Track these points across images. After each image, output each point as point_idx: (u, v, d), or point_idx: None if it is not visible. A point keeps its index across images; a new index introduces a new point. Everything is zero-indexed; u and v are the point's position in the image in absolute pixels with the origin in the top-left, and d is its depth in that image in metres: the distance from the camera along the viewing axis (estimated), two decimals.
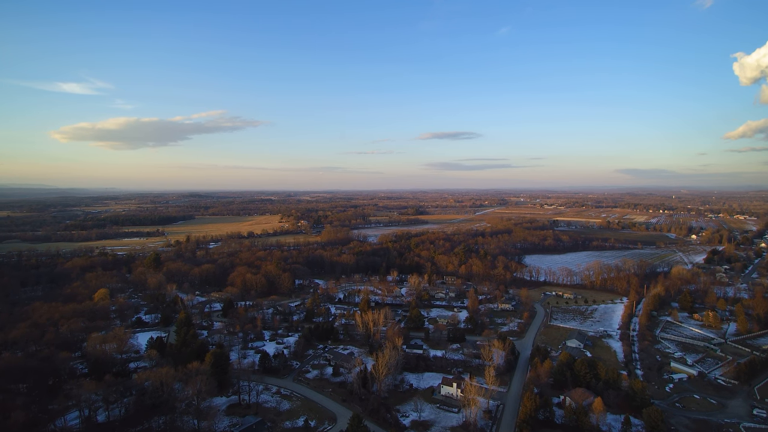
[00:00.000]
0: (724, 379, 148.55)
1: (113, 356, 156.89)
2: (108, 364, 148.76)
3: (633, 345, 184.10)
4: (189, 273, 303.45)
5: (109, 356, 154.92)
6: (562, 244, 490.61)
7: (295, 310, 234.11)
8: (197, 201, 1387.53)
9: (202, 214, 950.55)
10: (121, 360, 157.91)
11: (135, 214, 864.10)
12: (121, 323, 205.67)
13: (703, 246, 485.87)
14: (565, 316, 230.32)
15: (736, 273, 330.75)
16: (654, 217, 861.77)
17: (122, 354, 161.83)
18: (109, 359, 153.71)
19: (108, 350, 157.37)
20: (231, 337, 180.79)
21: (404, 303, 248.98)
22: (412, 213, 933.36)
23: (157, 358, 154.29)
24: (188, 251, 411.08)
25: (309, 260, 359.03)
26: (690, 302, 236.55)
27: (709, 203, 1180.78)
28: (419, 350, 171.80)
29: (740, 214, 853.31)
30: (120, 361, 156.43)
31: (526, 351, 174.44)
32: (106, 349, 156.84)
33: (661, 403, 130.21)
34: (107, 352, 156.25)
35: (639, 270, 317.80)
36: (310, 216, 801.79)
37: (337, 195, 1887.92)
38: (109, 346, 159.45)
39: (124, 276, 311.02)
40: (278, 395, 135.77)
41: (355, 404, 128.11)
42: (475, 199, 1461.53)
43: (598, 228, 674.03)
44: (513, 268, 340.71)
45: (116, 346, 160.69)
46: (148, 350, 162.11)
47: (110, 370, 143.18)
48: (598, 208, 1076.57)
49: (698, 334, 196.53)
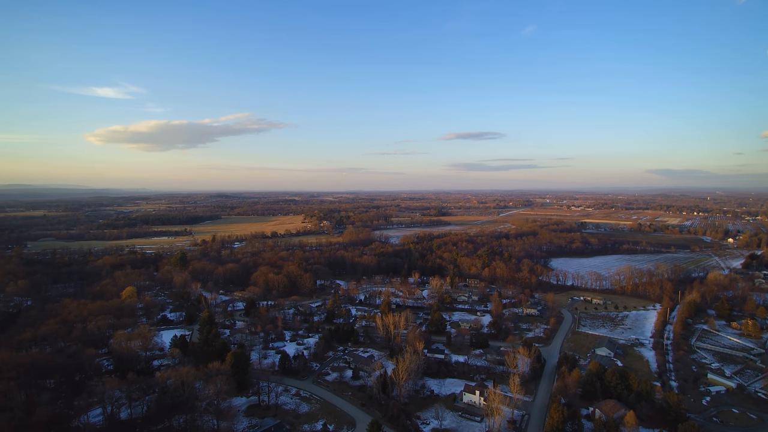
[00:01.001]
0: (765, 392, 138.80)
1: (138, 354, 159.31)
2: (132, 362, 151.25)
3: (667, 354, 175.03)
4: (213, 272, 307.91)
5: (133, 354, 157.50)
6: (590, 247, 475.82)
7: (315, 310, 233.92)
8: (224, 201, 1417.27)
9: (228, 214, 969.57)
10: (145, 358, 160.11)
11: (164, 214, 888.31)
12: (146, 321, 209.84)
13: (740, 250, 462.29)
14: (594, 323, 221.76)
15: None
16: (688, 219, 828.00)
17: (146, 351, 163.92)
18: (134, 357, 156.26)
19: (133, 348, 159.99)
20: (252, 337, 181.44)
21: (426, 306, 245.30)
22: (434, 214, 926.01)
23: (179, 356, 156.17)
24: (213, 250, 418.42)
25: (330, 261, 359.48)
26: (727, 310, 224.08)
27: (746, 205, 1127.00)
28: (441, 355, 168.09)
29: None
30: (144, 359, 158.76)
31: (553, 359, 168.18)
32: (131, 347, 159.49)
33: (698, 418, 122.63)
34: (132, 350, 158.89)
35: (673, 275, 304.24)
36: (333, 216, 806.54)
37: (359, 195, 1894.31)
38: (134, 343, 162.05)
39: (151, 274, 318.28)
40: (297, 397, 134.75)
41: (374, 409, 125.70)
42: (499, 200, 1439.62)
43: (629, 230, 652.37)
44: (538, 271, 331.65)
45: (141, 343, 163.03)
46: (171, 349, 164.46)
47: (134, 367, 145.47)
48: (628, 210, 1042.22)
49: (736, 344, 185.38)
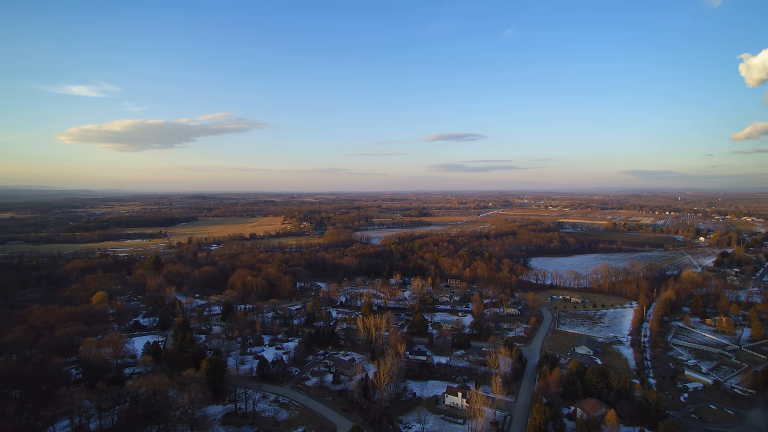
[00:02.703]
0: (740, 388, 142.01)
1: (108, 361, 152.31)
2: (102, 370, 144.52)
3: (645, 352, 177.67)
4: (189, 275, 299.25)
5: (104, 362, 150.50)
6: (568, 247, 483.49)
7: (295, 313, 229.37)
8: (201, 202, 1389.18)
9: (205, 216, 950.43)
10: (116, 366, 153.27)
11: (138, 216, 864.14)
12: (118, 327, 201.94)
13: (711, 248, 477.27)
14: (574, 321, 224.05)
15: (747, 276, 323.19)
16: (660, 219, 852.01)
17: (118, 359, 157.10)
18: (104, 365, 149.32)
19: (103, 355, 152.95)
20: (229, 342, 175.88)
21: (407, 307, 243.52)
22: (415, 215, 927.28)
23: (152, 364, 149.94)
24: (189, 253, 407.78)
25: (311, 262, 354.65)
26: (702, 307, 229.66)
27: (715, 205, 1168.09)
28: (423, 357, 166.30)
29: (747, 215, 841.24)
30: (115, 367, 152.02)
31: (534, 358, 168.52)
32: (101, 354, 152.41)
33: (677, 415, 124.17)
34: (102, 357, 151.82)
35: (648, 273, 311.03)
36: (313, 218, 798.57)
37: (340, 196, 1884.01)
38: (105, 350, 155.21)
39: (123, 278, 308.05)
40: (276, 404, 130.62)
41: (355, 414, 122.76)
42: (479, 200, 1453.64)
43: (605, 230, 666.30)
44: (518, 271, 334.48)
45: (112, 351, 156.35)
46: (144, 356, 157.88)
47: (104, 376, 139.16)
48: (603, 210, 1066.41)
49: (712, 341, 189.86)
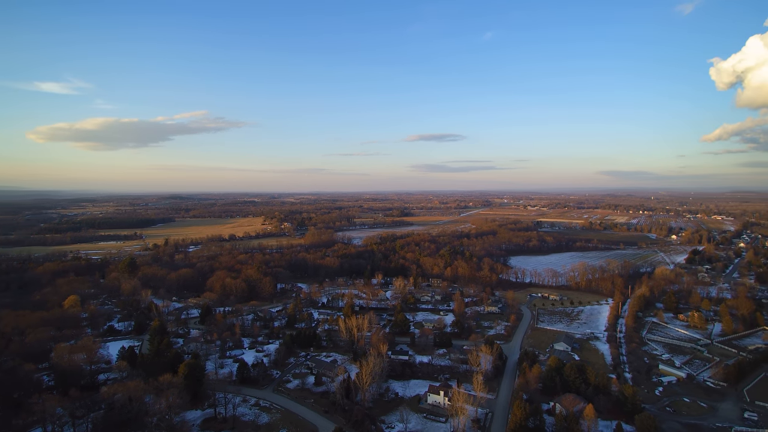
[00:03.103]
0: (713, 381, 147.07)
1: (82, 368, 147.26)
2: (76, 377, 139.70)
3: (620, 347, 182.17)
4: (166, 278, 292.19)
5: (77, 368, 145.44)
6: (546, 245, 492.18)
7: (276, 315, 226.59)
8: (178, 203, 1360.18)
9: (182, 217, 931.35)
10: (89, 372, 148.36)
11: (112, 217, 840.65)
12: (91, 332, 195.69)
13: (683, 246, 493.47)
14: (552, 318, 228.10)
15: (718, 273, 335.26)
16: (634, 217, 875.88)
17: (91, 365, 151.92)
18: (77, 371, 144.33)
19: (76, 361, 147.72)
20: (208, 346, 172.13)
21: (389, 307, 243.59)
22: (397, 215, 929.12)
23: (127, 369, 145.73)
24: (166, 255, 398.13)
25: (292, 263, 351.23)
26: (674, 303, 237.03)
27: (686, 204, 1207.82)
28: (405, 356, 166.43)
29: (717, 214, 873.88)
30: (89, 373, 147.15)
31: (514, 355, 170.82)
32: (74, 360, 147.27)
33: (652, 408, 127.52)
34: (75, 363, 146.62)
35: (623, 271, 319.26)
36: (294, 218, 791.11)
37: (321, 197, 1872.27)
38: (78, 356, 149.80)
39: (97, 281, 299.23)
40: (257, 407, 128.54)
41: (338, 416, 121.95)
42: (460, 200, 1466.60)
43: (581, 229, 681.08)
44: (498, 269, 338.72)
45: (85, 356, 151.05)
46: (119, 361, 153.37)
47: (78, 382, 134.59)
48: (580, 209, 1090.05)
49: (684, 335, 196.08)
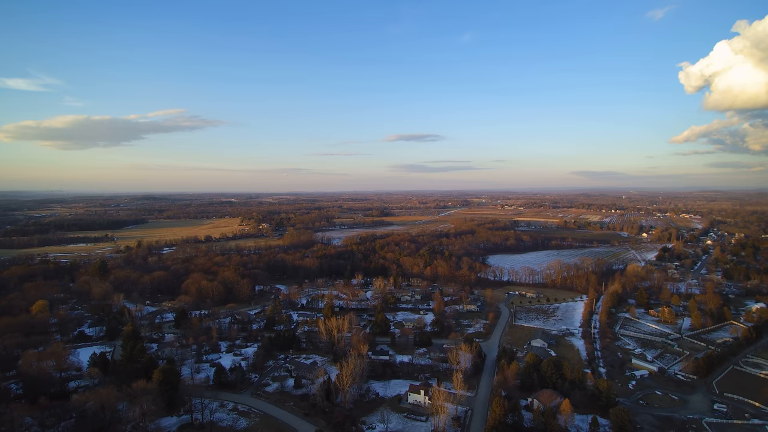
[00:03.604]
0: (683, 374, 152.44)
1: (51, 375, 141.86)
2: (45, 385, 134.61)
3: (595, 343, 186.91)
4: (139, 281, 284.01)
5: (46, 375, 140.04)
6: (523, 244, 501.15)
7: (254, 318, 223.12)
8: (151, 204, 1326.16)
9: (156, 218, 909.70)
10: (59, 379, 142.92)
11: (82, 218, 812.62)
12: (61, 338, 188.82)
13: (653, 244, 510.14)
14: (529, 316, 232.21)
15: (686, 269, 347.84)
16: (607, 216, 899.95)
17: (61, 372, 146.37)
18: (47, 379, 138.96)
19: (45, 368, 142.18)
20: (183, 351, 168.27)
21: (369, 307, 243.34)
22: (377, 215, 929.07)
23: (99, 376, 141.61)
24: (139, 257, 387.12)
25: (270, 265, 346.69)
26: (646, 299, 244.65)
27: (656, 203, 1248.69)
28: (385, 356, 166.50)
29: (686, 213, 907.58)
30: (58, 381, 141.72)
31: (493, 352, 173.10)
32: (43, 367, 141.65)
33: (626, 401, 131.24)
34: (44, 371, 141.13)
35: (596, 268, 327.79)
36: (273, 218, 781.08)
37: (300, 197, 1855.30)
38: (47, 363, 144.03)
39: (66, 285, 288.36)
40: (235, 412, 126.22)
41: (318, 418, 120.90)
42: (439, 200, 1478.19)
43: (557, 228, 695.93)
44: (477, 268, 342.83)
45: (55, 363, 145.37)
46: (90, 368, 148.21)
47: (47, 391, 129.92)
48: (555, 209, 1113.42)
49: (656, 330, 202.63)
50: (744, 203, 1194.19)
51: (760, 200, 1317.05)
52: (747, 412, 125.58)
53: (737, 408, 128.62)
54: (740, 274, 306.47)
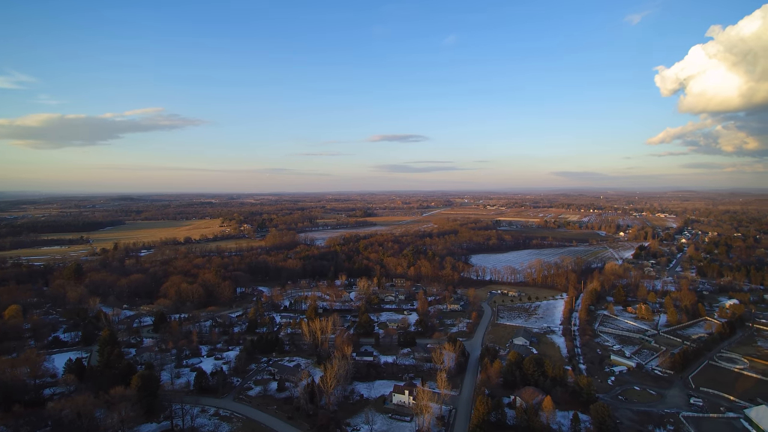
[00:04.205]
0: (660, 369, 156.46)
1: (25, 382, 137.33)
2: (19, 392, 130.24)
3: (575, 340, 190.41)
4: (116, 284, 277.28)
5: (20, 382, 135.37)
6: (505, 244, 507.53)
7: (236, 321, 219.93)
8: (128, 204, 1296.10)
9: (133, 219, 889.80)
10: (34, 386, 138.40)
11: (56, 220, 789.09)
12: (35, 344, 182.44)
13: (630, 242, 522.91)
14: (511, 314, 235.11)
15: (662, 267, 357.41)
16: (585, 216, 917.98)
17: (36, 379, 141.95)
18: (21, 386, 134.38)
19: (19, 375, 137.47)
20: (163, 355, 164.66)
21: (353, 308, 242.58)
22: (360, 215, 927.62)
23: (75, 383, 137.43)
24: (116, 260, 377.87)
25: (252, 266, 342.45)
26: (623, 296, 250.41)
27: (633, 203, 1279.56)
28: (370, 357, 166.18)
29: (661, 212, 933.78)
30: (33, 388, 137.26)
31: (476, 351, 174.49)
32: (17, 374, 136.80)
33: (605, 397, 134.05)
34: (18, 378, 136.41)
35: (576, 267, 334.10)
36: (254, 219, 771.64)
37: (283, 197, 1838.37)
38: (21, 370, 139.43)
39: (40, 289, 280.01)
40: (217, 417, 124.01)
41: (302, 421, 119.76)
42: (422, 200, 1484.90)
43: (537, 227, 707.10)
44: (460, 268, 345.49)
45: (29, 370, 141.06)
46: (66, 374, 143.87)
47: (21, 398, 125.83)
48: (535, 208, 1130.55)
49: (633, 327, 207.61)
50: (717, 203, 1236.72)
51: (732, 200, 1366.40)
52: (722, 406, 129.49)
53: (713, 402, 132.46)
54: (714, 272, 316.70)
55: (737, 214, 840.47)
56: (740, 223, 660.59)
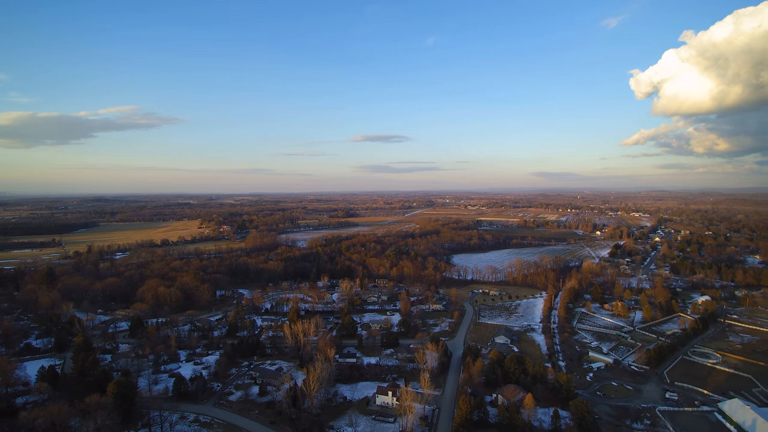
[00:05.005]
0: (636, 365, 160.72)
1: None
2: None
3: (554, 337, 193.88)
4: (90, 288, 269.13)
5: None
6: (486, 243, 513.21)
7: (215, 324, 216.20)
8: (103, 206, 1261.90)
9: (108, 221, 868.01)
10: (6, 395, 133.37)
11: (27, 222, 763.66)
12: (6, 351, 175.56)
13: (606, 241, 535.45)
14: (492, 313, 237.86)
15: (637, 265, 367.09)
16: (563, 215, 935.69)
17: (7, 388, 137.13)
18: None
19: None
20: (140, 361, 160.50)
21: (336, 309, 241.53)
22: (342, 215, 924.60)
23: (49, 391, 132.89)
24: (89, 263, 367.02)
25: (232, 268, 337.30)
26: (600, 294, 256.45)
27: (608, 202, 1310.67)
28: (352, 359, 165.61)
29: (636, 212, 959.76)
30: (4, 397, 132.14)
31: (458, 351, 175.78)
32: None
33: (584, 393, 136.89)
34: None
35: (555, 265, 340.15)
36: (234, 220, 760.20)
37: (263, 198, 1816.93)
38: None
39: (10, 294, 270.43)
40: (197, 424, 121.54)
41: (284, 425, 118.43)
42: (404, 200, 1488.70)
43: (517, 227, 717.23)
44: (442, 268, 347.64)
45: (0, 379, 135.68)
46: (38, 383, 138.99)
47: None
48: (515, 208, 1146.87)
49: (610, 324, 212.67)
50: (689, 202, 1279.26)
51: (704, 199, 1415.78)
52: (696, 400, 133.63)
53: (687, 396, 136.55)
54: (686, 269, 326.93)
55: (708, 213, 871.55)
56: (711, 222, 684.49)
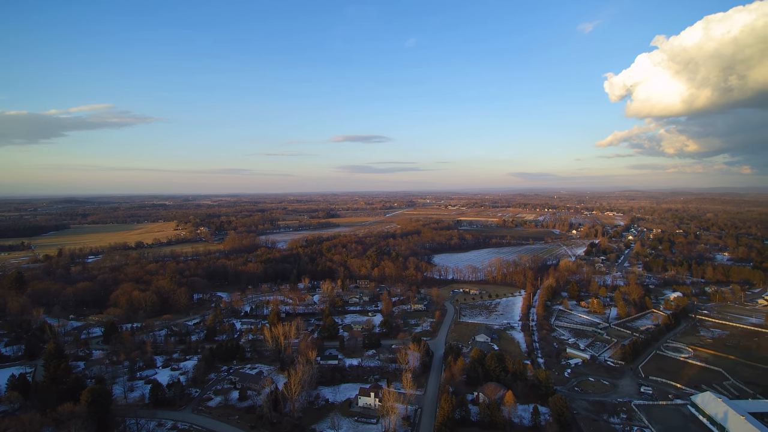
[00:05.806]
0: (612, 360, 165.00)
1: None
2: None
3: (533, 335, 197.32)
4: (61, 293, 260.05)
5: None
6: (466, 243, 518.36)
7: (193, 329, 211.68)
8: (74, 207, 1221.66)
9: (79, 223, 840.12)
10: None
11: None
12: None
13: (582, 240, 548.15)
14: (473, 312, 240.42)
15: (612, 263, 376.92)
16: (541, 215, 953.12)
17: None
18: None
19: None
20: (114, 368, 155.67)
21: (317, 311, 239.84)
22: (323, 216, 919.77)
23: (19, 400, 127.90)
24: (60, 267, 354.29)
25: (210, 271, 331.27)
26: (577, 291, 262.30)
27: (584, 202, 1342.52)
28: (334, 361, 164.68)
29: (610, 211, 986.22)
30: None
31: (440, 350, 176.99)
32: None
33: (563, 389, 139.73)
34: None
35: (533, 264, 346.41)
36: (212, 222, 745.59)
37: (242, 199, 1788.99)
38: None
39: None
40: (175, 430, 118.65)
41: (265, 430, 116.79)
42: (385, 201, 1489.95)
43: (496, 226, 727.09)
44: (423, 268, 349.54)
45: None
46: (9, 392, 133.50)
47: None
48: (494, 208, 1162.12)
49: (586, 320, 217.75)
50: (660, 202, 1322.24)
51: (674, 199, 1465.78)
52: (670, 393, 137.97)
53: (661, 390, 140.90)
54: (659, 266, 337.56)
55: (679, 212, 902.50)
56: (682, 221, 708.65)
